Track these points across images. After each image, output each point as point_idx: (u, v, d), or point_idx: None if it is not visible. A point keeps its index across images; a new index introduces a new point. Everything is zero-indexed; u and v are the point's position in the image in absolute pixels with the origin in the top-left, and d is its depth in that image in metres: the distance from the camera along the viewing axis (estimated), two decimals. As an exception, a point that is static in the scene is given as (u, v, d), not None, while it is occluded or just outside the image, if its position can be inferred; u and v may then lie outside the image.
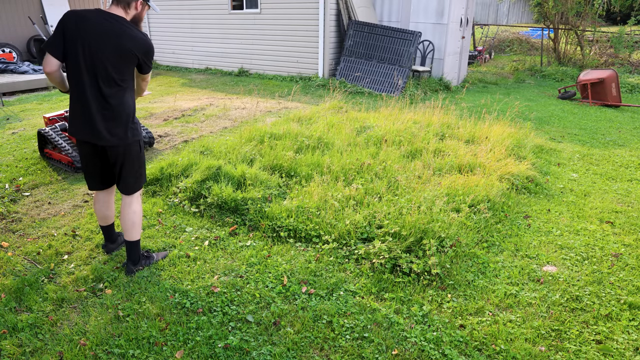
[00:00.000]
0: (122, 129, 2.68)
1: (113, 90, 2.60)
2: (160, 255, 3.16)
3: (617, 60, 13.31)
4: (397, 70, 9.18)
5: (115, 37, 2.51)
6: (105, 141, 2.67)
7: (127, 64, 2.60)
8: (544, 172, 4.98)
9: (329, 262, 3.14)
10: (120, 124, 2.67)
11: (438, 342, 2.45)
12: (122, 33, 2.53)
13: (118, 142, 2.69)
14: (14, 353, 2.31)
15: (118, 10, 2.58)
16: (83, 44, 2.49)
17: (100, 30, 2.50)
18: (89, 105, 2.59)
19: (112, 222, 3.15)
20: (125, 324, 2.51)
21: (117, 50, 2.52)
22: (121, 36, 2.53)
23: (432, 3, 9.59)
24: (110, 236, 3.20)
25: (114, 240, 3.23)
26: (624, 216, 3.97)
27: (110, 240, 3.22)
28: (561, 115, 7.85)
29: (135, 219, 2.89)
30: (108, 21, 2.52)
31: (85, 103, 2.60)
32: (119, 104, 2.64)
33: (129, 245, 2.94)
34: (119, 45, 2.52)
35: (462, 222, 3.52)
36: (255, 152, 4.70)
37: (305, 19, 9.85)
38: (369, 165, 4.39)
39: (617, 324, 2.61)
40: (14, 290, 2.77)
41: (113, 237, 3.22)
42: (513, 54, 16.59)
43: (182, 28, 12.00)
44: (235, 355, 2.31)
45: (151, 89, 9.77)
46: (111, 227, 3.17)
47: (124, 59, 2.56)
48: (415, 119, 6.07)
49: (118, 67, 2.57)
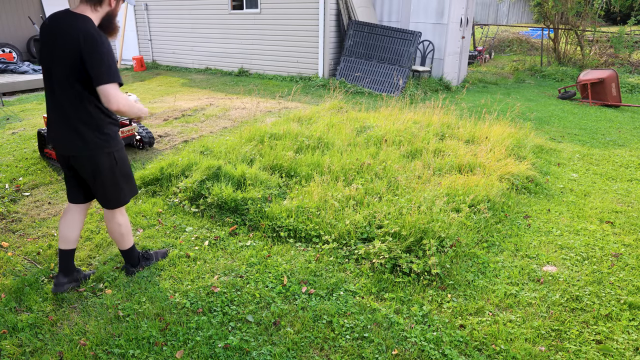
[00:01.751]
0: (80, 138, 2.45)
1: (67, 95, 2.40)
2: (160, 253, 3.13)
3: (617, 60, 13.31)
4: (397, 70, 9.18)
5: (63, 36, 2.31)
6: (62, 149, 2.51)
7: (75, 64, 2.32)
8: (544, 172, 4.97)
9: (329, 262, 3.14)
10: (79, 132, 2.45)
11: (438, 342, 2.45)
12: (70, 30, 2.30)
13: (77, 152, 2.48)
14: (14, 353, 2.31)
15: (84, 9, 2.37)
16: (44, 48, 2.39)
17: (57, 31, 2.34)
18: (51, 111, 2.50)
19: (71, 249, 2.74)
20: (125, 324, 2.51)
21: (65, 50, 2.31)
22: (69, 33, 2.30)
23: (432, 3, 9.59)
24: (65, 265, 2.74)
25: (68, 272, 2.76)
26: (624, 216, 3.97)
27: (64, 271, 2.74)
28: (561, 115, 7.85)
29: (122, 230, 2.78)
30: (65, 21, 2.33)
31: (49, 109, 2.51)
32: (75, 110, 2.42)
33: (124, 253, 2.90)
34: (65, 43, 2.30)
35: (462, 222, 3.52)
36: (255, 152, 4.70)
37: (305, 19, 9.85)
38: (369, 165, 4.39)
39: (617, 324, 2.61)
40: (14, 290, 2.77)
41: (69, 268, 2.76)
42: (513, 54, 16.59)
43: (182, 28, 12.00)
44: (235, 355, 2.31)
45: (151, 89, 9.77)
46: (69, 255, 2.74)
47: (72, 57, 2.31)
48: (415, 119, 6.07)
49: (69, 69, 2.34)
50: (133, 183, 2.80)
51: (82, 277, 2.87)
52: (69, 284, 2.77)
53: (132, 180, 2.78)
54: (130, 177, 2.75)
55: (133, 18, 12.84)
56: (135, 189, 2.83)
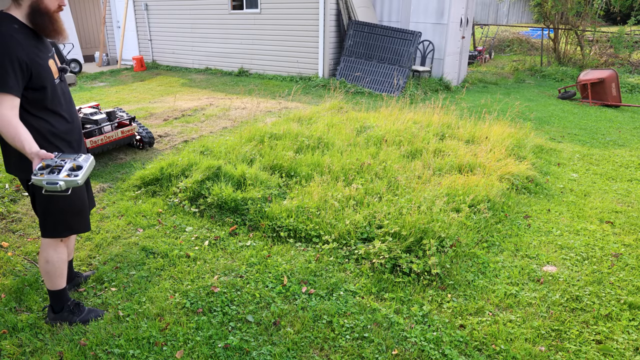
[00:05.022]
0: (12, 160, 2.18)
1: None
2: (94, 312, 2.56)
3: (617, 60, 13.31)
4: (397, 70, 9.18)
5: None
6: (7, 169, 2.25)
7: None
8: (544, 172, 4.97)
9: (329, 262, 3.14)
10: (10, 152, 2.16)
11: (438, 342, 2.45)
12: None
13: (16, 175, 2.24)
14: (14, 353, 2.31)
15: (10, 7, 2.08)
16: None
17: None
18: None
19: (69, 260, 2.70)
20: (125, 324, 2.51)
21: None
22: None
23: (432, 3, 9.59)
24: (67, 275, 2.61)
25: (69, 280, 2.72)
26: (624, 216, 3.97)
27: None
28: (561, 115, 7.85)
29: (48, 269, 2.35)
30: None
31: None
32: None
33: (49, 292, 2.46)
34: None
35: (462, 222, 3.52)
36: (255, 152, 4.70)
37: (305, 19, 9.85)
38: (369, 165, 4.39)
39: (617, 324, 2.61)
40: (14, 290, 2.77)
41: (70, 276, 2.73)
42: (513, 54, 16.58)
43: (182, 28, 12.00)
44: (235, 355, 2.31)
45: (151, 89, 9.77)
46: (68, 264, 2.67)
47: None
48: (415, 119, 6.06)
49: None
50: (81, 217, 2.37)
51: (82, 279, 2.87)
52: (69, 290, 2.74)
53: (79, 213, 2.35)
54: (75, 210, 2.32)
55: (133, 18, 12.85)
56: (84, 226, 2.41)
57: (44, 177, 1.92)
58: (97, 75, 11.45)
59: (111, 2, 13.11)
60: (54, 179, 1.92)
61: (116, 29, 13.35)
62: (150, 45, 12.86)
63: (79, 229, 2.40)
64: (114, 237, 3.42)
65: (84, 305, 2.60)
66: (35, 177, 1.92)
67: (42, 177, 1.92)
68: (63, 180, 1.92)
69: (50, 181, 1.91)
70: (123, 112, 5.33)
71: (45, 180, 1.92)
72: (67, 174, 1.95)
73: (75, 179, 1.95)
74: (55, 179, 1.92)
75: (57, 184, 1.92)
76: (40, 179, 1.92)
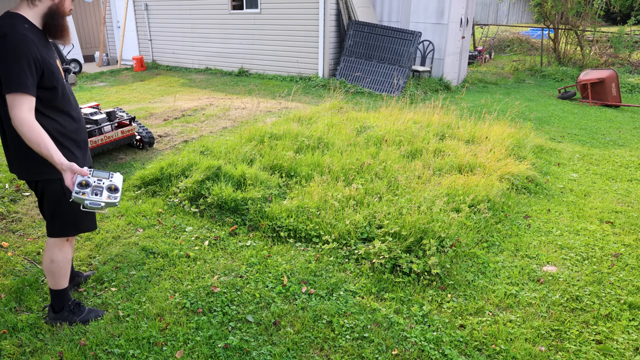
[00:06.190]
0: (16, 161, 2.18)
1: (3, 109, 2.05)
2: (94, 313, 2.56)
3: (617, 60, 13.31)
4: (397, 70, 9.18)
5: None
6: (10, 168, 2.25)
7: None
8: (544, 172, 4.97)
9: (329, 262, 3.14)
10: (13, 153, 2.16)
11: (438, 342, 2.45)
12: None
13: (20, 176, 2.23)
14: (14, 353, 2.31)
15: (20, 5, 2.05)
16: None
17: None
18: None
19: None
20: (125, 324, 2.51)
21: None
22: None
23: (432, 3, 9.59)
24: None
25: (70, 280, 2.71)
26: (624, 216, 3.97)
27: None
28: (561, 115, 7.85)
29: (53, 268, 2.36)
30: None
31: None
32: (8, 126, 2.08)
33: (50, 292, 2.47)
34: None
35: (462, 222, 3.52)
36: (255, 152, 4.70)
37: (305, 19, 9.85)
38: (369, 165, 4.39)
39: (617, 324, 2.61)
40: (14, 290, 2.77)
41: (70, 277, 2.72)
42: (513, 54, 16.58)
43: (182, 28, 12.00)
44: (235, 355, 2.31)
45: (151, 89, 9.77)
46: None
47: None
48: (415, 119, 6.06)
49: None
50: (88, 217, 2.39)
51: (82, 279, 2.87)
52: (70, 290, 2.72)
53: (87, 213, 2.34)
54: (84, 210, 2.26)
55: (133, 18, 12.85)
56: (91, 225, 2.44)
57: (87, 197, 2.01)
58: (97, 75, 11.45)
59: (111, 2, 13.11)
60: (97, 200, 2.03)
61: (116, 29, 13.35)
62: (150, 45, 12.86)
63: (87, 228, 2.44)
64: (114, 237, 3.42)
65: (84, 305, 2.61)
66: (77, 195, 1.99)
67: (84, 196, 2.00)
68: (105, 202, 2.04)
69: (93, 202, 2.02)
70: (123, 112, 5.33)
71: (89, 200, 2.01)
72: (108, 196, 2.07)
73: (115, 201, 2.07)
74: (98, 200, 2.03)
75: (100, 205, 2.03)
76: (83, 198, 2.00)
